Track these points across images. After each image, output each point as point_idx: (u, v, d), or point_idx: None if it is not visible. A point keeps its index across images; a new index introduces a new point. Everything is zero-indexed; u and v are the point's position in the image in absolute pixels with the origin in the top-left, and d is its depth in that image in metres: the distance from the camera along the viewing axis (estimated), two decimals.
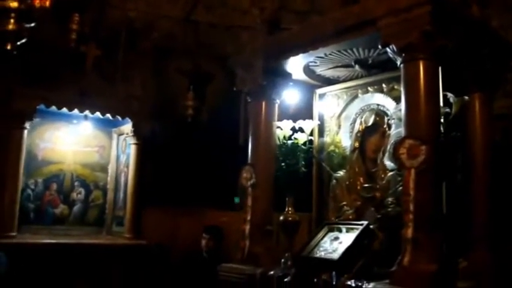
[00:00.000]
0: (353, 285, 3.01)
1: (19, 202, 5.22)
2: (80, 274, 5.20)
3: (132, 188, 5.72)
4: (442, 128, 3.12)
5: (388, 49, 3.15)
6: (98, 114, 5.58)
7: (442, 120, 3.15)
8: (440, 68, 3.04)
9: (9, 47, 3.58)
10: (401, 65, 3.10)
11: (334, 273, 3.11)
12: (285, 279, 3.34)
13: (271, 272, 3.48)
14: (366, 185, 3.87)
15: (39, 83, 5.18)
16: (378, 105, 3.92)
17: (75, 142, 5.90)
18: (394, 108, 3.70)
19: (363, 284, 2.97)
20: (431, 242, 2.82)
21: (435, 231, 2.85)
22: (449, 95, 3.43)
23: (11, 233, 5.03)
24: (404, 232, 2.84)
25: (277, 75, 4.03)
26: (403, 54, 3.06)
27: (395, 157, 3.00)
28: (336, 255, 3.29)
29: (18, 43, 3.65)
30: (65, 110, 5.40)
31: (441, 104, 3.10)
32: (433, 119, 2.97)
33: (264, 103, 4.02)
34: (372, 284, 2.93)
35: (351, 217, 3.83)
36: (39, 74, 5.20)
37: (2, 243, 4.65)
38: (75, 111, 5.46)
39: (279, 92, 4.09)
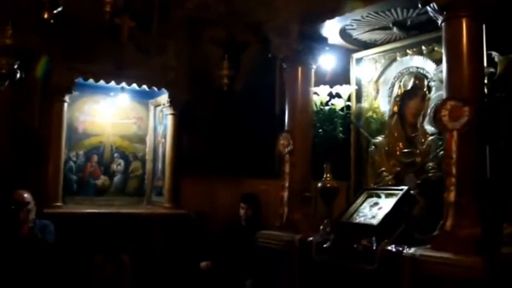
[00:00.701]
0: (393, 250, 2.98)
1: (62, 174, 5.38)
2: (121, 242, 5.35)
3: (170, 158, 5.81)
4: (485, 89, 3.00)
5: (428, 8, 3.04)
6: (134, 85, 5.63)
7: (485, 80, 3.03)
8: (484, 26, 2.91)
9: (46, 16, 3.62)
10: (443, 24, 2.99)
11: (374, 238, 3.08)
12: (324, 245, 3.34)
13: (310, 238, 3.49)
14: (406, 150, 3.80)
15: (77, 57, 5.26)
16: (417, 68, 3.81)
17: (113, 114, 5.99)
18: (434, 70, 3.59)
19: (403, 249, 2.93)
20: (475, 206, 2.75)
21: (478, 195, 2.78)
22: (494, 53, 3.28)
23: (57, 203, 5.20)
24: (447, 196, 2.78)
25: (313, 40, 3.96)
26: (445, 13, 2.94)
27: (436, 120, 2.92)
28: (375, 221, 3.26)
29: (55, 11, 3.68)
30: (102, 82, 5.49)
31: (485, 63, 2.97)
32: (476, 79, 2.87)
33: (300, 69, 3.97)
34: (412, 249, 2.88)
35: (390, 183, 3.77)
36: (76, 48, 5.26)
37: (49, 213, 4.81)
38: (112, 83, 5.53)
39: (315, 58, 4.02)
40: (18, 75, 4.60)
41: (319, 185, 3.99)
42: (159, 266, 5.47)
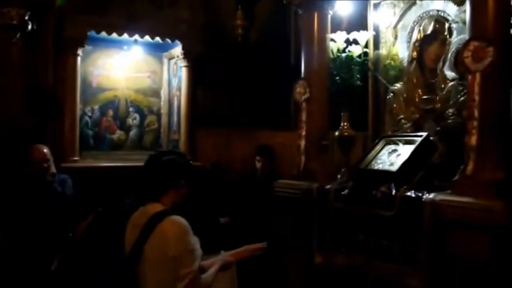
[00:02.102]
0: (412, 195, 2.96)
1: (78, 128, 5.40)
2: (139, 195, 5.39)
3: (185, 111, 5.79)
4: (511, 30, 2.89)
5: None
6: (147, 38, 5.56)
7: (511, 21, 2.91)
8: None
9: None
10: None
11: (392, 184, 3.06)
12: (343, 193, 3.33)
13: (328, 186, 3.47)
14: (425, 97, 3.72)
15: (89, 10, 5.19)
16: (438, 11, 3.69)
17: (127, 68, 5.94)
18: (456, 11, 3.47)
19: (423, 195, 2.90)
20: (497, 149, 2.70)
21: (501, 138, 2.71)
22: None
23: (74, 158, 5.24)
24: (468, 140, 2.72)
25: None
26: None
27: (458, 62, 2.83)
28: (394, 167, 3.22)
29: None
30: (115, 35, 5.42)
31: (511, 2, 2.85)
32: (501, 18, 2.75)
33: (316, 14, 3.86)
34: (432, 195, 2.85)
35: (408, 130, 3.71)
36: (88, 0, 5.19)
37: (66, 167, 4.85)
38: (125, 36, 5.46)
39: (331, 3, 3.90)
40: (29, 26, 4.54)
41: (337, 133, 3.95)
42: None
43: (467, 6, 2.85)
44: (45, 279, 3.98)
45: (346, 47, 4.00)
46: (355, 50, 3.96)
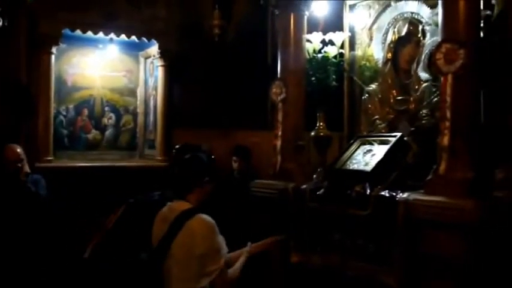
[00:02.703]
0: (387, 195, 2.99)
1: (53, 128, 5.33)
2: (115, 196, 5.34)
3: (161, 111, 5.76)
4: (481, 32, 2.95)
5: None
6: (123, 37, 5.52)
7: (482, 23, 2.97)
8: None
9: None
10: None
11: (367, 184, 3.09)
12: (318, 192, 3.35)
13: (304, 186, 3.49)
14: (399, 98, 3.76)
15: (64, 7, 5.14)
16: (412, 13, 3.73)
17: (102, 67, 5.90)
18: (429, 13, 3.52)
19: (396, 194, 2.94)
20: (468, 149, 2.74)
21: (472, 139, 2.76)
22: None
23: (48, 158, 5.17)
24: (440, 140, 2.76)
25: None
26: None
27: (431, 63, 2.88)
28: (369, 167, 3.25)
29: None
30: (90, 33, 5.36)
31: (481, 6, 2.91)
32: (472, 21, 2.81)
33: (292, 15, 3.88)
34: (406, 194, 2.89)
35: (383, 131, 3.76)
36: None
37: (40, 167, 4.79)
38: (101, 34, 5.42)
39: (307, 3, 3.92)
40: (0, 23, 4.46)
41: (312, 133, 3.97)
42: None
43: (440, 9, 2.90)
44: (20, 279, 3.94)
45: (322, 47, 4.04)
46: (331, 51, 3.99)
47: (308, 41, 3.99)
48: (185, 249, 2.29)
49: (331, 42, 4.02)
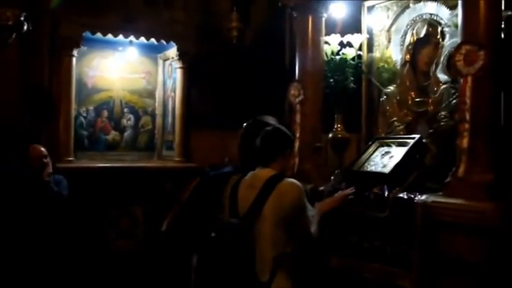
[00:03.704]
0: (405, 197, 2.99)
1: (73, 129, 5.41)
2: (134, 196, 5.42)
3: (180, 113, 5.80)
4: (502, 34, 2.92)
5: None
6: (142, 39, 5.57)
7: (503, 24, 2.95)
8: None
9: None
10: None
11: (385, 186, 3.09)
12: (336, 194, 3.35)
13: (322, 188, 3.50)
14: (418, 99, 3.75)
15: (84, 11, 5.22)
16: (431, 14, 3.71)
17: (122, 69, 5.97)
18: (449, 15, 3.51)
19: (415, 196, 2.93)
20: (488, 152, 2.73)
21: (492, 141, 2.75)
22: None
23: (69, 158, 5.25)
24: (460, 142, 2.75)
25: None
26: None
27: (450, 65, 2.87)
28: (387, 169, 3.24)
29: None
30: (110, 36, 5.43)
31: (503, 6, 2.89)
32: (492, 22, 2.78)
33: (310, 17, 3.90)
34: (424, 196, 2.88)
35: (401, 133, 3.75)
36: (84, 2, 5.22)
37: (61, 168, 4.86)
38: (120, 37, 5.47)
39: (325, 6, 3.94)
40: (25, 27, 4.55)
41: (330, 135, 3.98)
42: (172, 219, 5.53)
43: (459, 11, 2.88)
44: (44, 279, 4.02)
45: (340, 49, 4.04)
46: (349, 53, 3.99)
47: (326, 43, 4.00)
48: (278, 209, 2.43)
49: (349, 44, 4.02)
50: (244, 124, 2.95)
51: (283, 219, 2.44)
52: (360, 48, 4.08)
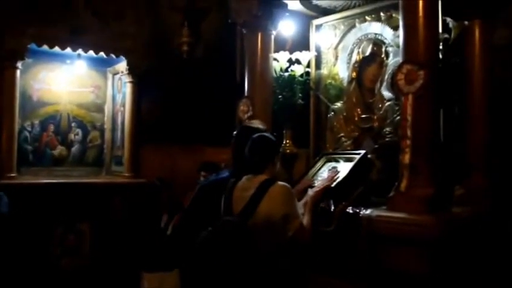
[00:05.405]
0: (350, 211, 3.05)
1: (17, 144, 5.23)
2: (81, 212, 5.28)
3: (129, 127, 5.72)
4: (440, 54, 3.06)
5: None
6: (91, 53, 5.48)
7: (441, 46, 3.09)
8: None
9: None
10: None
11: (331, 201, 3.14)
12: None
13: None
14: (364, 116, 3.86)
15: (30, 22, 5.08)
16: (376, 34, 3.85)
17: (69, 83, 5.84)
18: (392, 35, 3.64)
19: (360, 211, 3.00)
20: (428, 167, 2.83)
21: (432, 157, 2.85)
22: (449, 19, 3.35)
23: (11, 174, 5.07)
24: (402, 158, 2.85)
25: (273, 6, 3.94)
26: None
27: (393, 83, 2.97)
28: (333, 184, 3.30)
29: None
30: (57, 49, 5.31)
31: (440, 29, 3.03)
32: (431, 44, 2.91)
33: (259, 34, 3.96)
34: (369, 210, 2.96)
35: (348, 148, 3.84)
36: (30, 12, 5.08)
37: (3, 184, 4.69)
38: (68, 50, 5.36)
39: (274, 23, 4.00)
40: None
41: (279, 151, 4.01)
42: (119, 234, 5.43)
43: (400, 32, 3.00)
44: None
45: (289, 66, 4.11)
46: (298, 70, 4.07)
47: (275, 59, 4.06)
48: (271, 209, 2.57)
49: (298, 61, 4.10)
50: (234, 132, 3.04)
51: (277, 218, 2.57)
52: (308, 65, 4.17)
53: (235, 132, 3.09)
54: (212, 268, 2.57)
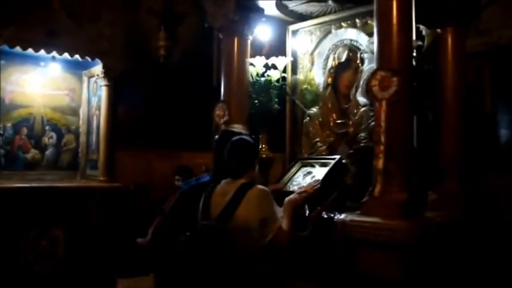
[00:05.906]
0: (325, 216, 3.07)
1: None
2: (54, 217, 5.20)
3: (104, 131, 5.63)
4: (414, 61, 3.11)
5: None
6: (66, 55, 5.38)
7: (414, 53, 3.14)
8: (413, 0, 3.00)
9: None
10: None
11: (306, 206, 3.15)
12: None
13: None
14: (339, 121, 3.89)
15: (3, 22, 4.97)
16: (351, 40, 3.89)
17: (43, 85, 5.72)
18: (367, 42, 3.68)
19: (334, 215, 3.02)
20: (402, 172, 2.86)
21: (406, 162, 2.89)
22: (422, 27, 3.41)
23: None
24: (376, 163, 2.87)
25: (249, 11, 3.96)
26: None
27: (367, 89, 3.00)
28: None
29: None
30: (30, 51, 5.20)
31: (414, 36, 3.07)
32: (405, 51, 2.95)
33: (236, 39, 3.96)
34: (343, 215, 2.98)
35: (324, 153, 3.87)
36: (3, 14, 4.99)
37: None
38: (42, 52, 5.24)
39: (251, 28, 4.02)
40: None
41: None
42: (94, 239, 5.36)
43: (375, 38, 3.03)
44: None
45: (265, 71, 4.13)
46: (274, 75, 4.09)
47: (251, 64, 4.08)
48: (247, 214, 2.61)
49: (274, 66, 4.12)
50: (216, 136, 3.07)
51: (254, 221, 2.61)
52: (285, 71, 4.19)
53: (216, 137, 3.10)
54: (189, 272, 2.56)
